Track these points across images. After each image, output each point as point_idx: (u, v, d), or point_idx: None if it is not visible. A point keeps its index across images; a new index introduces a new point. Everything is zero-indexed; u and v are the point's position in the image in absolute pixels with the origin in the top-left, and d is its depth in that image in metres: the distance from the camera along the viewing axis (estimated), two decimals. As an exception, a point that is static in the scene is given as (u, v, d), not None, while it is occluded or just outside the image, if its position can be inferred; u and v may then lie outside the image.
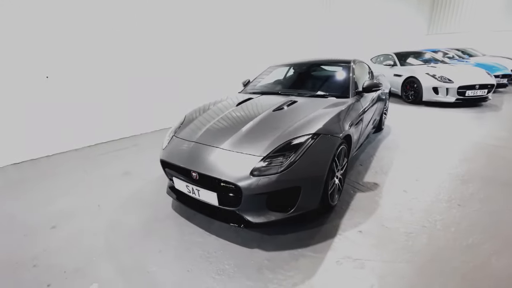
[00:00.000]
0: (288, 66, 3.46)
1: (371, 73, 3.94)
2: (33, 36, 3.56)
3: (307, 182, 1.76)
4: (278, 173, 1.66)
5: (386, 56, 7.52)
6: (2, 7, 3.30)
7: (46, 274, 1.73)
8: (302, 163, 1.72)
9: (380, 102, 3.64)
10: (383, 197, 2.38)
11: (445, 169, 2.84)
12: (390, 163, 3.05)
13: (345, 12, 8.94)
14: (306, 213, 1.88)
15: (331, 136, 1.91)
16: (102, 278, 1.66)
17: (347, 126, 2.18)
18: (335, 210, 2.21)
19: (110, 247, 1.93)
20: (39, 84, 3.70)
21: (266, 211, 1.76)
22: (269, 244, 1.86)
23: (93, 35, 4.03)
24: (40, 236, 2.09)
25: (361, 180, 2.70)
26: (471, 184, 2.52)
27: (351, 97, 2.62)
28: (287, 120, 2.10)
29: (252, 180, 1.65)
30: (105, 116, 4.35)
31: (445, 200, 2.29)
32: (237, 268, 1.67)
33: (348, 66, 2.99)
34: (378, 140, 3.83)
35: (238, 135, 1.98)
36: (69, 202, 2.56)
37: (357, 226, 2.01)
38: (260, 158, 1.73)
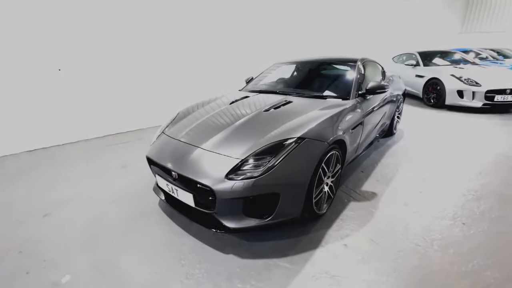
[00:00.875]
0: (291, 64, 3.32)
1: (384, 73, 3.68)
2: (47, 32, 3.71)
3: (286, 188, 1.66)
4: (254, 177, 1.57)
5: (409, 55, 7.05)
6: (22, 8, 3.47)
7: (28, 261, 1.78)
8: (281, 168, 1.61)
9: (391, 104, 3.39)
10: (379, 208, 2.20)
11: (456, 182, 2.58)
12: (394, 172, 2.83)
13: (368, 7, 8.49)
14: (288, 221, 1.78)
15: (317, 141, 1.77)
16: (76, 270, 1.68)
17: (341, 130, 2.02)
18: (324, 219, 2.07)
19: (91, 239, 1.95)
20: (52, 77, 3.87)
21: (242, 216, 1.67)
22: (245, 251, 1.78)
23: (106, 33, 4.13)
24: (32, 223, 2.18)
25: (359, 188, 2.52)
26: (483, 201, 2.26)
27: (352, 99, 2.44)
28: (275, 121, 2.00)
29: (227, 184, 1.57)
30: (114, 110, 4.47)
31: (450, 217, 2.07)
32: (207, 274, 1.61)
33: (353, 66, 2.79)
34: (387, 146, 3.58)
35: (222, 135, 1.91)
36: (66, 192, 2.65)
37: (343, 238, 1.86)
38: (238, 161, 1.65)
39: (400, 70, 7.04)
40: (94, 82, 4.23)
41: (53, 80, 3.89)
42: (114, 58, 4.32)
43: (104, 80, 4.30)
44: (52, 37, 3.76)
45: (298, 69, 3.24)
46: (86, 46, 4.04)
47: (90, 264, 1.72)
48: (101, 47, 4.17)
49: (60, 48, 3.84)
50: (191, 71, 5.22)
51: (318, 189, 1.89)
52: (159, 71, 4.84)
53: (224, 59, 5.62)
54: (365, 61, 3.10)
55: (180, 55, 5.01)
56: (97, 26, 4.07)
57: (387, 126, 3.60)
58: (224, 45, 5.58)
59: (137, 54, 4.52)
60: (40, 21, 3.64)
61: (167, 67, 4.91)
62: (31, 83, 3.75)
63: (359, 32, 8.50)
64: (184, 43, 5.01)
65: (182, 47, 5.00)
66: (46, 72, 3.82)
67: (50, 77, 3.86)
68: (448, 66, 5.85)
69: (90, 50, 4.09)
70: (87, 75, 4.14)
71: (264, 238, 1.88)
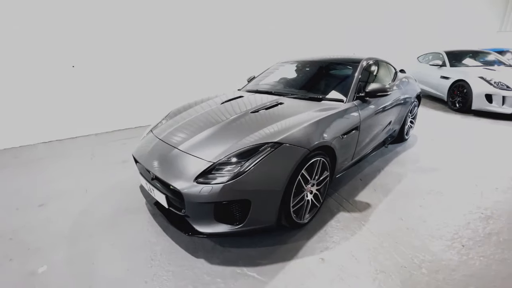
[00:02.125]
0: (293, 63, 3.19)
1: (396, 74, 3.42)
2: (63, 33, 3.92)
3: (258, 196, 1.57)
4: (223, 183, 1.51)
5: (435, 55, 6.52)
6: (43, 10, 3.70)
7: (14, 248, 1.88)
8: (253, 174, 1.54)
9: (401, 108, 3.14)
10: (370, 221, 2.04)
11: (466, 198, 2.32)
12: (396, 182, 2.61)
13: (393, 2, 7.98)
14: (262, 229, 1.70)
15: (296, 147, 1.67)
16: (54, 261, 1.74)
17: (328, 136, 1.89)
18: (307, 229, 1.96)
19: (75, 232, 2.02)
20: (66, 73, 4.09)
21: (213, 221, 1.62)
22: (217, 256, 1.73)
23: (118, 32, 4.28)
24: (27, 212, 2.30)
25: (353, 197, 2.36)
26: (492, 221, 2.01)
27: (348, 102, 2.28)
28: (258, 124, 1.91)
29: (195, 187, 1.53)
30: (125, 106, 4.63)
31: (448, 237, 1.86)
32: (173, 277, 1.58)
33: (355, 66, 2.61)
34: (395, 152, 3.33)
35: (201, 136, 1.87)
36: (65, 184, 2.77)
37: (322, 251, 1.75)
38: (209, 164, 1.60)
39: (424, 71, 6.56)
40: (107, 79, 4.40)
41: (68, 76, 4.11)
42: (127, 56, 4.46)
43: (116, 77, 4.47)
44: (66, 37, 3.97)
45: (298, 69, 3.10)
46: (99, 45, 4.21)
47: (68, 257, 1.77)
48: (114, 46, 4.32)
49: (74, 46, 4.04)
50: (201, 70, 5.26)
51: (298, 197, 1.79)
52: (171, 69, 4.92)
53: (232, 58, 5.58)
54: (371, 62, 2.90)
55: (191, 55, 5.06)
56: (109, 26, 4.22)
57: (397, 131, 3.35)
58: (231, 45, 5.54)
59: (149, 52, 4.64)
60: (57, 24, 3.86)
61: (179, 66, 4.99)
62: (48, 79, 3.99)
63: (383, 30, 8.03)
64: (194, 43, 5.05)
65: (192, 48, 5.04)
66: (62, 68, 4.04)
67: (65, 73, 4.08)
68: (478, 68, 5.32)
69: (103, 49, 4.26)
70: (101, 72, 4.33)
71: (239, 245, 1.82)
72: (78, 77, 4.18)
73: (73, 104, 4.24)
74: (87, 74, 4.24)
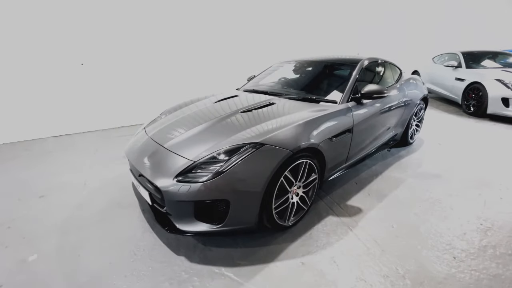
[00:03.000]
0: (292, 63, 3.15)
1: (400, 75, 3.29)
2: (72, 32, 4.08)
3: (238, 196, 1.57)
4: (201, 182, 1.52)
5: (451, 56, 6.22)
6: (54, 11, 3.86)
7: (11, 236, 1.98)
8: (232, 174, 1.53)
9: (404, 110, 3.02)
10: (359, 227, 1.98)
11: (467, 207, 2.20)
12: (393, 187, 2.52)
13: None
14: (243, 230, 1.69)
15: (278, 148, 1.64)
16: (44, 251, 1.81)
17: (315, 137, 1.85)
18: (292, 232, 1.93)
19: (68, 224, 2.09)
20: (76, 70, 4.25)
21: (193, 220, 1.63)
22: (197, 255, 1.74)
23: (127, 31, 4.40)
24: (28, 202, 2.42)
25: (345, 202, 2.30)
26: (491, 233, 1.89)
27: (342, 103, 2.22)
28: (246, 124, 1.91)
29: (174, 185, 1.54)
30: (131, 102, 4.76)
31: (440, 247, 1.77)
32: (151, 273, 1.61)
33: (353, 67, 2.53)
34: (397, 157, 3.21)
35: (187, 134, 1.89)
36: (67, 177, 2.88)
37: (304, 255, 1.71)
38: (190, 163, 1.61)
39: (438, 72, 6.29)
40: (114, 76, 4.54)
41: (77, 74, 4.27)
42: (134, 55, 4.58)
43: (123, 75, 4.59)
44: (76, 35, 4.12)
45: (297, 69, 3.06)
46: (107, 43, 4.35)
47: (57, 247, 1.84)
48: (122, 44, 4.45)
49: (83, 44, 4.20)
50: (206, 68, 5.30)
51: (281, 199, 1.76)
52: (177, 67, 5.00)
53: (236, 57, 5.59)
54: (372, 62, 2.81)
55: (197, 54, 5.12)
56: (118, 25, 4.35)
57: (399, 135, 3.22)
58: (236, 44, 5.54)
59: (156, 52, 4.74)
60: (68, 24, 4.01)
61: (185, 64, 5.06)
62: (59, 76, 4.16)
63: (397, 29, 7.75)
64: (199, 43, 5.10)
65: (198, 47, 5.10)
66: (71, 66, 4.20)
67: (75, 71, 4.24)
68: (496, 70, 5.02)
69: (111, 47, 4.39)
70: (108, 70, 4.46)
71: (221, 244, 1.82)
72: (87, 74, 4.34)
73: (82, 100, 4.41)
74: (95, 71, 4.39)
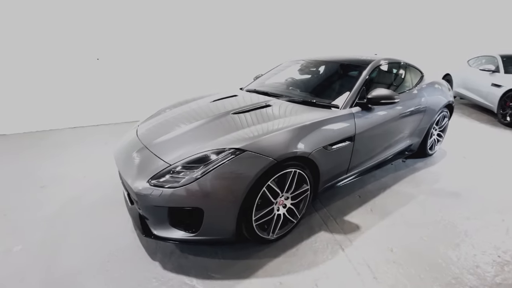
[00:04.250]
0: (299, 62, 2.96)
1: (421, 78, 2.96)
2: (89, 28, 4.22)
3: (212, 204, 1.46)
4: (173, 187, 1.43)
5: (489, 59, 5.59)
6: None
7: (4, 225, 2.03)
8: (207, 181, 1.42)
9: (422, 118, 2.72)
10: (353, 247, 1.78)
11: (482, 234, 1.91)
12: (400, 204, 2.26)
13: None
14: (219, 240, 1.59)
15: (260, 156, 1.50)
16: (29, 242, 1.83)
17: (307, 145, 1.68)
18: (277, 246, 1.79)
19: (57, 216, 2.11)
20: (92, 65, 4.40)
21: (168, 226, 1.55)
22: (172, 262, 1.66)
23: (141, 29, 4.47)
24: (28, 192, 2.50)
25: (342, 216, 2.10)
26: (508, 269, 1.60)
27: (344, 108, 2.02)
28: (234, 126, 1.79)
29: (147, 189, 1.47)
30: (147, 97, 4.83)
31: (442, 281, 1.52)
32: (122, 276, 1.55)
33: (362, 68, 2.30)
34: (412, 169, 2.91)
35: (171, 135, 1.82)
36: (71, 168, 2.96)
37: (284, 275, 1.56)
38: (165, 166, 1.52)
39: (473, 76, 5.70)
40: (128, 72, 4.64)
41: (93, 68, 4.42)
42: (150, 50, 4.65)
43: (137, 71, 4.68)
44: (91, 31, 4.25)
45: (303, 69, 2.87)
46: (122, 39, 4.45)
47: (42, 239, 1.86)
48: (137, 41, 4.53)
49: (98, 40, 4.32)
50: (219, 65, 5.26)
51: (263, 210, 1.63)
52: (190, 64, 5.01)
53: (248, 56, 5.47)
54: (386, 63, 2.55)
55: (209, 52, 5.09)
56: (132, 22, 4.42)
57: (416, 145, 2.91)
58: (245, 43, 5.41)
59: (170, 49, 4.78)
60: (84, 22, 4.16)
61: (198, 61, 5.06)
62: (76, 70, 4.33)
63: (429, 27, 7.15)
64: (210, 42, 5.06)
65: (210, 45, 5.06)
66: (88, 61, 4.36)
67: (91, 65, 4.39)
68: (542, 75, 4.41)
69: (127, 43, 4.49)
70: (123, 65, 4.57)
71: (199, 253, 1.73)
72: (102, 69, 4.47)
73: (97, 94, 4.55)
74: (111, 66, 4.51)
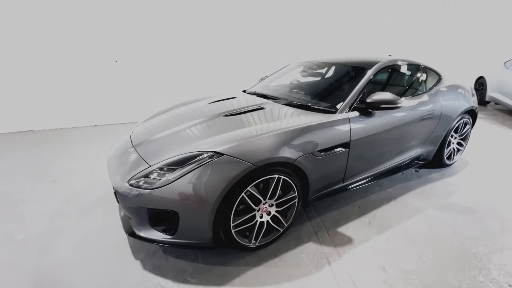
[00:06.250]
0: (303, 64, 2.85)
1: (439, 81, 2.70)
2: (108, 32, 4.46)
3: (186, 208, 1.44)
4: (150, 189, 1.43)
5: (530, 60, 5.02)
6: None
7: (14, 215, 2.18)
8: (181, 185, 1.41)
9: (437, 124, 2.49)
10: (340, 262, 1.66)
11: (493, 259, 1.68)
12: (403, 218, 2.08)
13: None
14: (197, 245, 1.56)
15: (239, 160, 1.45)
16: (30, 232, 1.94)
17: (292, 150, 1.60)
18: (258, 254, 1.72)
19: (60, 210, 2.22)
20: (110, 66, 4.64)
21: (148, 226, 1.56)
22: (153, 262, 1.66)
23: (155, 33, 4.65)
24: (40, 185, 2.67)
25: (336, 227, 1.98)
26: (524, 303, 1.38)
27: (340, 112, 1.89)
28: (221, 129, 1.77)
29: (126, 189, 1.49)
30: (163, 98, 5.00)
31: (440, 308, 1.36)
32: (103, 272, 1.59)
33: (364, 70, 2.16)
34: (425, 179, 2.67)
35: (160, 136, 1.84)
36: (82, 164, 3.12)
37: (260, 286, 1.50)
38: (145, 167, 1.54)
39: (510, 80, 5.14)
40: (146, 75, 4.84)
41: (112, 70, 4.66)
42: (166, 53, 4.82)
43: (153, 73, 4.87)
44: (111, 34, 4.49)
45: (306, 71, 2.76)
46: (141, 42, 4.65)
47: (42, 231, 1.96)
48: (153, 43, 4.71)
49: (117, 43, 4.55)
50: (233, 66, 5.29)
51: (243, 217, 1.57)
52: (204, 67, 5.11)
53: (258, 58, 5.42)
54: (395, 65, 2.38)
55: (224, 54, 5.14)
56: (152, 25, 4.60)
57: (430, 154, 2.67)
58: (254, 44, 5.37)
59: (186, 50, 4.91)
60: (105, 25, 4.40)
61: (213, 63, 5.14)
62: (97, 72, 4.60)
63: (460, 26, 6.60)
64: (223, 44, 5.10)
65: (224, 47, 5.11)
66: (106, 63, 4.61)
67: (110, 67, 4.64)
68: None
69: (144, 45, 4.68)
70: (141, 67, 4.78)
71: (180, 255, 1.72)
72: (121, 70, 4.70)
73: (115, 94, 4.80)
74: (128, 68, 4.73)
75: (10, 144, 3.81)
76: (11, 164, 3.15)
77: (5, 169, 3.01)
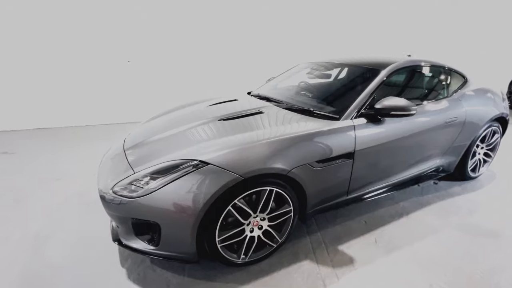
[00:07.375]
0: (311, 65, 2.68)
1: (464, 84, 2.43)
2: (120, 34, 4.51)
3: (167, 220, 1.35)
4: (131, 198, 1.36)
5: None
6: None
7: (16, 213, 2.22)
8: (162, 195, 1.32)
9: (459, 133, 2.24)
10: (336, 284, 1.50)
11: None
12: (414, 238, 1.86)
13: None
14: (180, 258, 1.47)
15: (224, 171, 1.33)
16: (27, 232, 1.96)
17: (285, 161, 1.46)
18: (248, 271, 1.60)
19: (57, 211, 2.22)
20: (122, 66, 4.71)
21: (132, 235, 1.49)
22: (138, 272, 1.59)
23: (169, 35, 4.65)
24: (45, 183, 2.71)
25: (337, 244, 1.80)
26: None
27: (344, 119, 1.72)
28: (213, 134, 1.67)
29: (110, 196, 1.43)
30: (175, 98, 5.01)
31: None
32: (90, 278, 1.54)
33: (375, 73, 1.95)
34: (444, 194, 2.41)
35: (151, 140, 1.77)
36: (87, 163, 3.16)
37: (247, 307, 1.38)
38: (129, 175, 1.46)
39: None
40: (157, 75, 4.87)
41: (125, 70, 4.73)
42: (178, 54, 4.83)
43: (164, 73, 4.89)
44: (123, 35, 4.55)
45: (313, 72, 2.58)
46: (152, 43, 4.68)
47: (37, 231, 1.97)
48: (165, 45, 4.72)
49: (129, 44, 4.61)
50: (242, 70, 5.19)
51: (231, 231, 1.46)
52: (214, 68, 5.07)
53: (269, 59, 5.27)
54: (412, 67, 2.15)
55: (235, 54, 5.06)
56: (163, 27, 4.61)
57: (452, 165, 2.40)
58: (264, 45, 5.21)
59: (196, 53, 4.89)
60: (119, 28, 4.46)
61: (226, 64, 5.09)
62: (110, 72, 4.69)
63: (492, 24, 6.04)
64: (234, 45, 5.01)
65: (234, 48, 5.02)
66: (119, 63, 4.68)
67: (123, 67, 4.71)
68: None
69: (156, 47, 4.71)
70: (152, 67, 4.81)
71: (167, 266, 1.64)
72: (133, 71, 4.76)
73: (130, 93, 4.87)
74: (140, 68, 4.78)
75: (27, 140, 3.97)
76: (23, 160, 3.26)
77: (16, 165, 3.11)
